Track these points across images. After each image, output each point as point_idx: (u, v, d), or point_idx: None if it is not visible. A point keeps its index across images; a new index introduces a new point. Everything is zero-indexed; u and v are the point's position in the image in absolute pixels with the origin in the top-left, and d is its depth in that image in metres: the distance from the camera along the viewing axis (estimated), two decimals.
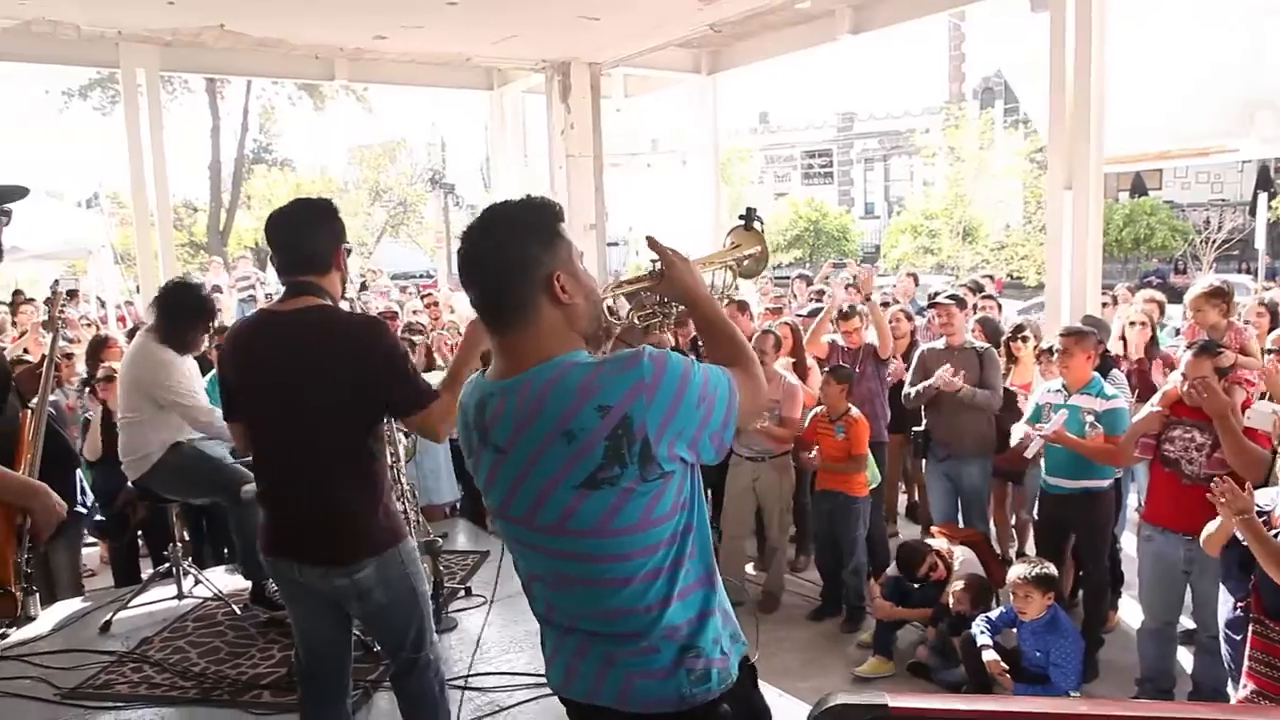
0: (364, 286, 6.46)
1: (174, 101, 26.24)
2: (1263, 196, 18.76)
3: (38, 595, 2.81)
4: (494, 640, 4.08)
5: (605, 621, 1.66)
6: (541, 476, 1.59)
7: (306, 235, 2.61)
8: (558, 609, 1.74)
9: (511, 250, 1.61)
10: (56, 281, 4.29)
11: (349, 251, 2.69)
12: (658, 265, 1.85)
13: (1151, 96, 7.36)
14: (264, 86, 28.23)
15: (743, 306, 7.34)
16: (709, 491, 6.51)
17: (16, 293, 7.64)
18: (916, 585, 4.97)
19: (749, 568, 6.09)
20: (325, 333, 2.50)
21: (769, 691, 3.71)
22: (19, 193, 2.44)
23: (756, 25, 8.59)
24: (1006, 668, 4.20)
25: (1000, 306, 7.71)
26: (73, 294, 11.97)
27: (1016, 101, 22.73)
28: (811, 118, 39.11)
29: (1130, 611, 5.19)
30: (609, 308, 1.86)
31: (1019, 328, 5.88)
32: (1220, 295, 4.87)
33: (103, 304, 10.92)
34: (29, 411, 2.50)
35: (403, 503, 4.00)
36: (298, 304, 2.56)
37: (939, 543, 5.13)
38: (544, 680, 3.60)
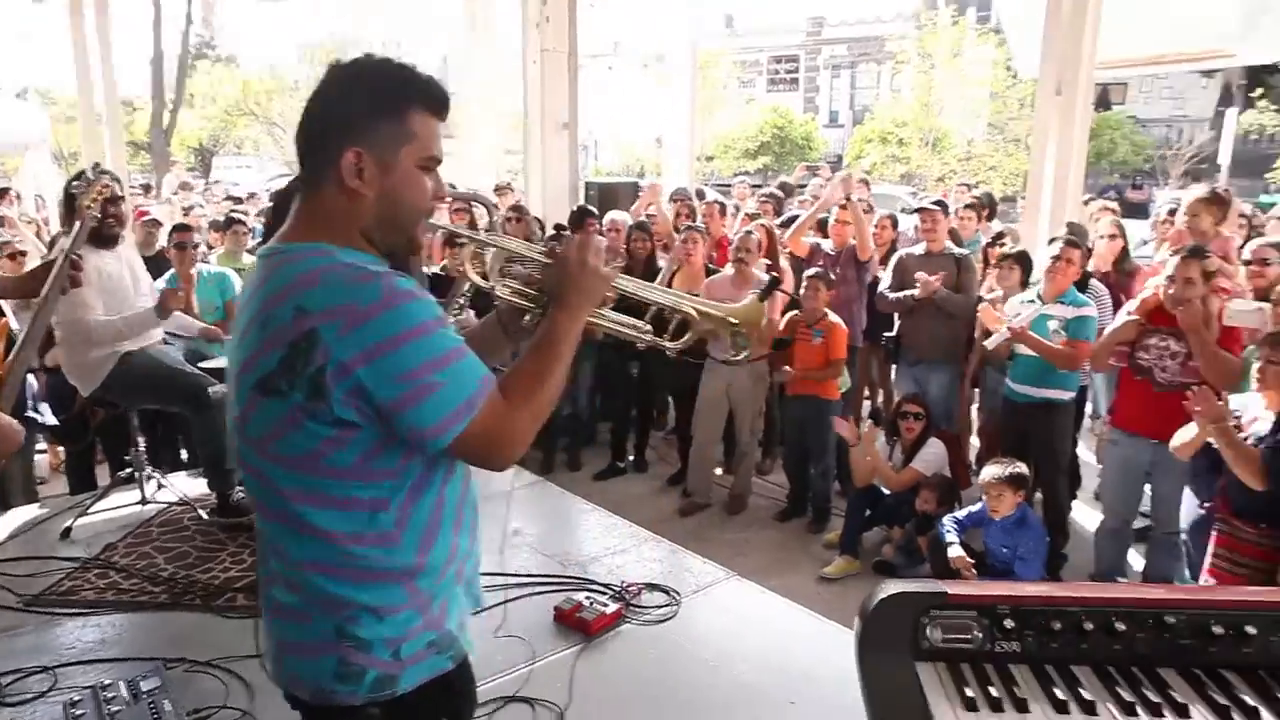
0: None
1: None
2: (1229, 111, 18.72)
3: None
4: None
5: (276, 563, 1.48)
6: (235, 364, 1.43)
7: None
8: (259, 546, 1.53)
9: (328, 105, 1.41)
10: None
11: None
12: (559, 245, 1.61)
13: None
14: None
15: (722, 209, 7.22)
16: (671, 397, 6.55)
17: None
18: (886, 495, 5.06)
19: (716, 471, 6.12)
20: None
21: (747, 589, 3.81)
22: None
23: None
24: (972, 562, 4.29)
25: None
26: (3, 192, 11.39)
27: (989, 10, 22.34)
28: (779, 21, 38.10)
29: (1083, 513, 5.34)
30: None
31: (1000, 235, 5.84)
32: (1218, 201, 4.81)
33: (44, 202, 10.44)
34: None
35: None
36: None
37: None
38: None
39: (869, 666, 1.49)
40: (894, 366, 6.21)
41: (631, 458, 6.46)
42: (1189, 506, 4.00)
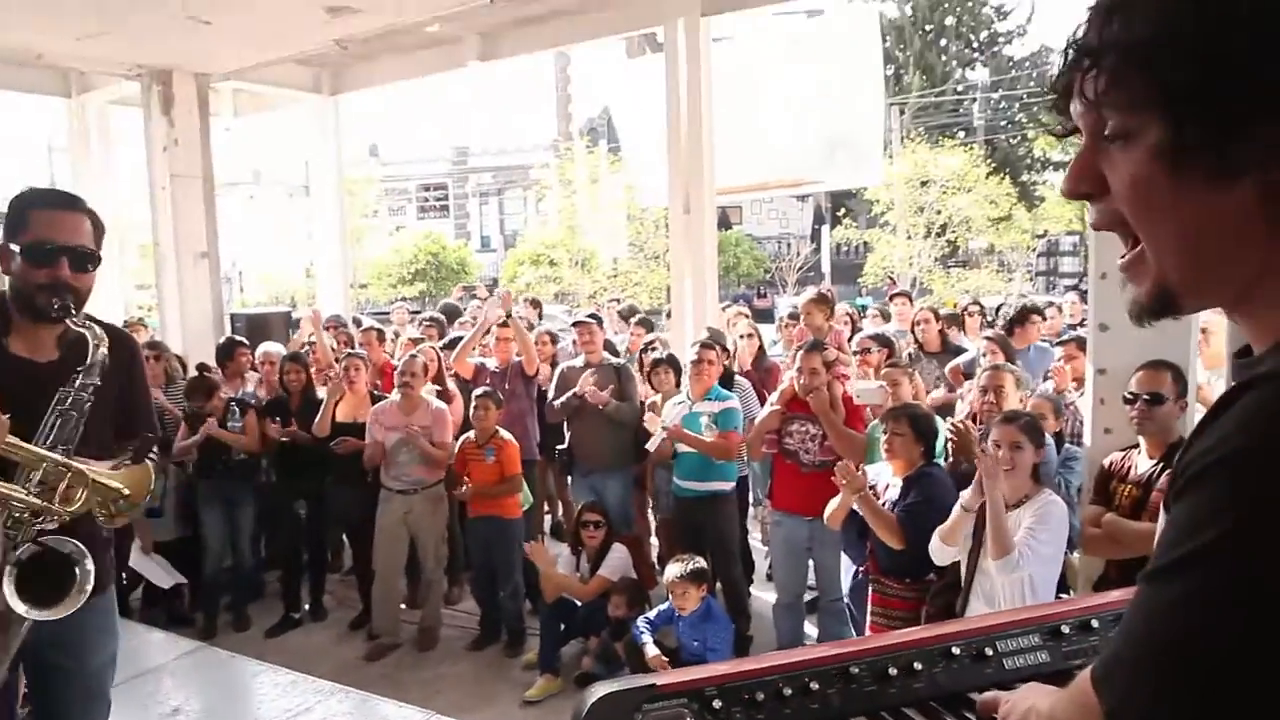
0: None
1: None
2: (824, 228, 22.00)
3: None
4: None
5: None
6: None
7: None
8: None
9: None
10: None
11: None
12: None
13: (751, 134, 8.35)
14: None
15: (380, 335, 7.08)
16: (346, 535, 6.17)
17: None
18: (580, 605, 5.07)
19: (402, 606, 5.79)
20: None
21: None
22: None
23: (382, 46, 8.36)
24: (667, 660, 4.40)
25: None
26: None
27: (618, 141, 24.57)
28: (424, 151, 39.07)
29: (760, 595, 5.71)
30: None
31: (651, 343, 6.26)
32: (825, 301, 5.63)
33: None
34: None
35: None
36: None
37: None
38: None
39: None
40: (569, 478, 6.34)
41: (307, 606, 5.93)
42: (847, 573, 4.45)
